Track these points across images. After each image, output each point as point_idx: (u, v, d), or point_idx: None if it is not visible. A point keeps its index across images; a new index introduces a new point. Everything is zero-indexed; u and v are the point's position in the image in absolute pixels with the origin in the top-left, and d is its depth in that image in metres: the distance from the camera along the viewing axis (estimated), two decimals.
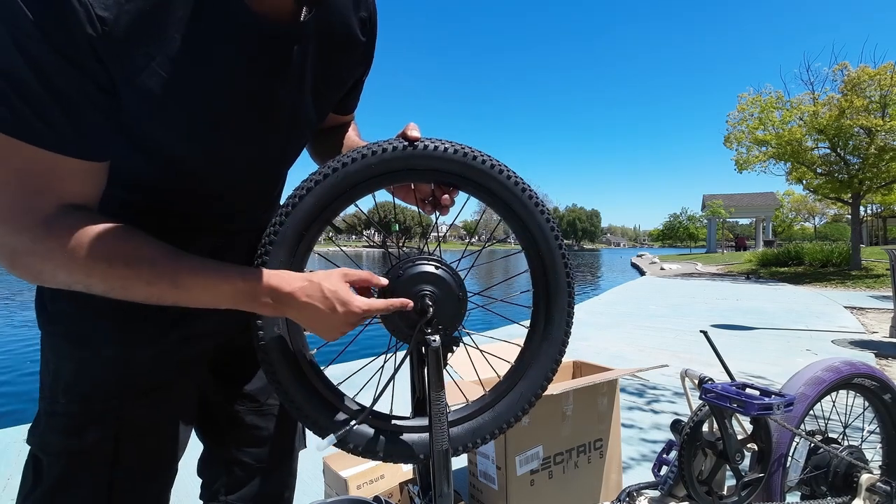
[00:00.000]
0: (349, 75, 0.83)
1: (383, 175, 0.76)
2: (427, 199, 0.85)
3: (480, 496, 1.72)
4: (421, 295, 0.76)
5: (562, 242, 0.87)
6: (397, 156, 0.75)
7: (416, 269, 0.77)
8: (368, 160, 0.74)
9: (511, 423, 0.86)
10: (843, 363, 1.45)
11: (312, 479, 2.13)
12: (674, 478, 1.26)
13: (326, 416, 0.77)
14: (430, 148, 0.76)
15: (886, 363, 4.11)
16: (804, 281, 12.32)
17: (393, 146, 0.75)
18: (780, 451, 1.31)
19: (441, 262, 0.79)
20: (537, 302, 0.88)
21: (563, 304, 0.87)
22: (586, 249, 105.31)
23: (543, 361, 0.87)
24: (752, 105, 14.58)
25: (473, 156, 0.78)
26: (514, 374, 0.88)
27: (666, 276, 15.61)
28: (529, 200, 0.83)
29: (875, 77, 12.32)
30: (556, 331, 0.87)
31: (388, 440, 0.80)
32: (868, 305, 7.84)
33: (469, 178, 0.80)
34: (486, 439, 0.85)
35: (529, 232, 0.85)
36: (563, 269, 0.87)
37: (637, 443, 2.49)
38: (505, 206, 0.83)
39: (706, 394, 1.20)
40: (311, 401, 0.76)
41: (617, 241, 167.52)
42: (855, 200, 13.76)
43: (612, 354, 4.54)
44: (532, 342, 0.88)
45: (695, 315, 7.02)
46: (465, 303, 0.80)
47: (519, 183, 0.82)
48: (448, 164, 0.78)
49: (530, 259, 0.87)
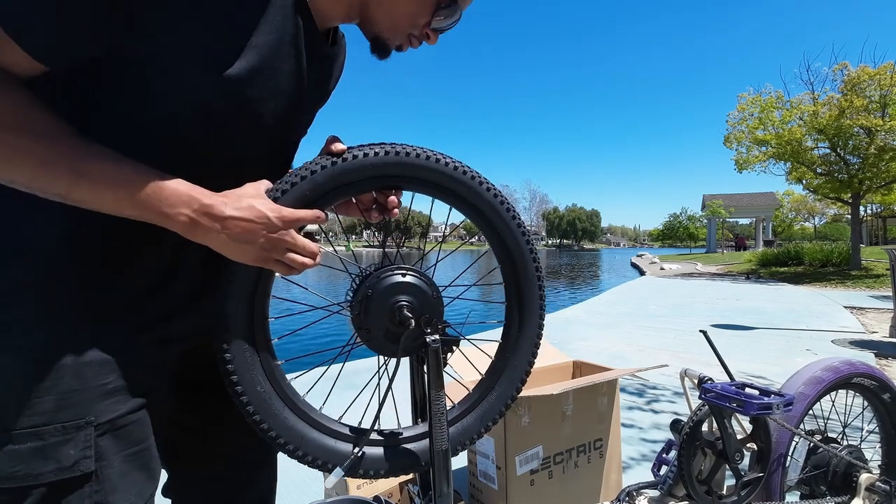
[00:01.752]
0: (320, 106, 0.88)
1: (318, 200, 0.70)
2: (370, 207, 0.81)
3: (480, 496, 1.72)
4: (398, 306, 0.74)
5: (524, 227, 0.86)
6: (329, 174, 0.70)
7: (386, 282, 0.75)
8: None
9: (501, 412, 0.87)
10: (842, 363, 1.45)
11: (312, 479, 2.13)
12: (673, 477, 1.26)
13: (326, 450, 0.74)
14: (360, 157, 0.71)
15: (886, 363, 4.11)
16: (804, 281, 12.33)
17: (321, 165, 0.70)
18: (779, 451, 1.31)
19: (408, 268, 0.78)
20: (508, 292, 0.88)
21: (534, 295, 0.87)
22: (586, 249, 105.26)
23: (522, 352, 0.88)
24: (752, 105, 14.59)
25: (406, 152, 0.74)
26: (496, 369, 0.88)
27: (666, 276, 15.61)
28: (479, 186, 0.80)
29: (875, 77, 12.32)
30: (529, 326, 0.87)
31: (393, 455, 0.78)
32: (868, 305, 7.84)
33: (409, 177, 0.76)
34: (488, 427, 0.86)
35: (482, 214, 0.82)
36: (529, 254, 0.85)
37: (637, 443, 2.49)
38: (454, 196, 0.80)
39: (706, 393, 1.20)
40: (307, 439, 0.74)
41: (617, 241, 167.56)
42: (855, 200, 13.77)
43: (612, 354, 4.54)
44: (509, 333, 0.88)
45: (695, 315, 7.02)
46: (441, 302, 0.79)
47: (465, 171, 0.79)
48: (383, 169, 0.74)
49: (494, 245, 0.85)
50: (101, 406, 0.61)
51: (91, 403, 0.60)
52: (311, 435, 0.74)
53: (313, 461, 0.74)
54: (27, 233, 0.59)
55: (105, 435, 0.61)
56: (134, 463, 0.65)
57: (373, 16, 0.74)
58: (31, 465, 0.56)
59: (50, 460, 0.57)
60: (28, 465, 0.56)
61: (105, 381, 0.62)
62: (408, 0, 0.72)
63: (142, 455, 0.66)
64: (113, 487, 0.62)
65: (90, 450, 0.59)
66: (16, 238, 0.59)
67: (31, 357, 0.58)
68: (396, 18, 0.74)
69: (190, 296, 0.72)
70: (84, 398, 0.60)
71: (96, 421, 0.60)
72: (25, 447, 0.56)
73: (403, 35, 0.76)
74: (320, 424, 0.76)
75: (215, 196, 0.61)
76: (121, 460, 0.63)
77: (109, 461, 0.62)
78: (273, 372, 0.73)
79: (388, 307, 0.74)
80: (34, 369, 0.58)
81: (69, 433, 0.58)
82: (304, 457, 0.73)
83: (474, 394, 0.87)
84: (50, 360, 0.58)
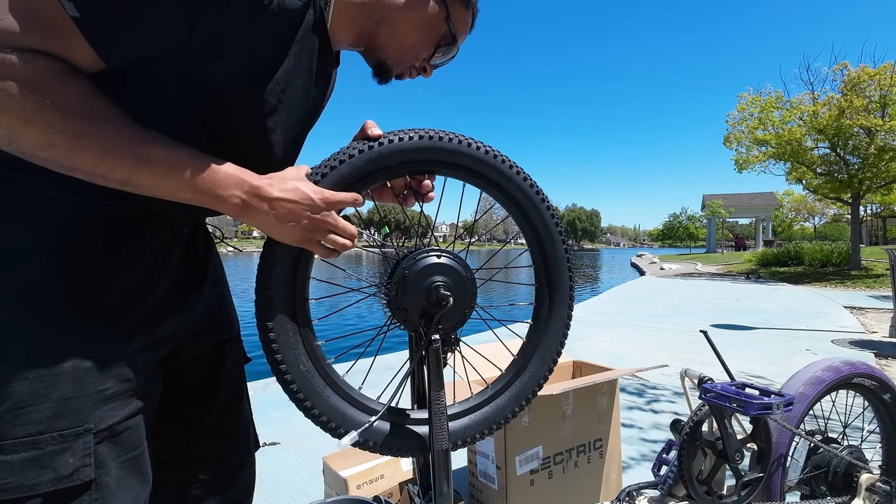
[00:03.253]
0: None
1: (356, 184, 0.73)
2: (403, 192, 0.85)
3: (480, 496, 1.72)
4: (435, 286, 0.75)
5: (553, 210, 0.88)
6: (365, 159, 0.72)
7: (424, 262, 0.76)
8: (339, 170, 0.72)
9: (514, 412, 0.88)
10: (843, 363, 1.45)
11: (312, 479, 2.13)
12: (673, 477, 1.26)
13: (343, 415, 0.76)
14: (396, 141, 0.74)
15: (886, 363, 4.11)
16: (804, 281, 12.32)
17: (358, 149, 0.72)
18: (779, 451, 1.31)
19: (443, 250, 0.79)
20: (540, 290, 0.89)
21: (564, 288, 0.89)
22: (586, 249, 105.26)
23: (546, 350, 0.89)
24: (752, 105, 14.59)
25: (440, 137, 0.77)
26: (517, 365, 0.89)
27: (666, 276, 15.61)
28: (510, 168, 0.83)
29: (875, 77, 12.32)
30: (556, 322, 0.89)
31: (402, 434, 0.80)
32: (867, 305, 7.84)
33: (445, 162, 0.79)
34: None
35: (520, 207, 0.85)
36: (560, 242, 0.88)
37: (637, 443, 2.49)
38: (486, 181, 0.83)
39: (706, 394, 1.20)
40: (328, 403, 0.75)
41: (617, 240, 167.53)
42: (855, 200, 13.77)
43: (612, 354, 4.54)
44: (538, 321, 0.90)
45: (695, 315, 7.02)
46: (474, 282, 0.81)
47: (496, 155, 0.82)
48: (419, 154, 0.76)
49: (523, 228, 0.88)
50: (100, 412, 0.60)
51: (90, 410, 0.59)
52: (352, 413, 0.76)
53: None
54: (13, 236, 0.58)
55: (104, 442, 0.60)
56: (130, 469, 0.64)
57: (381, 46, 0.78)
58: (24, 476, 0.54)
59: (47, 470, 0.55)
60: (22, 475, 0.54)
61: (104, 387, 0.61)
62: (415, 34, 0.78)
63: (137, 460, 0.65)
64: (112, 495, 0.61)
65: (90, 458, 0.58)
66: (1, 242, 0.58)
67: (23, 364, 0.56)
68: (403, 50, 0.79)
69: (173, 297, 0.72)
70: (83, 405, 0.58)
71: (95, 428, 0.59)
72: (18, 457, 0.54)
73: (406, 66, 0.81)
74: (360, 403, 0.78)
75: (262, 178, 0.64)
76: (118, 466, 0.62)
77: (108, 468, 0.60)
78: (314, 352, 0.75)
79: (424, 287, 0.75)
80: (25, 376, 0.56)
81: (67, 441, 0.57)
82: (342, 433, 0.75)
83: (507, 374, 0.89)
84: (43, 366, 0.57)
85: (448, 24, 0.79)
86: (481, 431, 0.85)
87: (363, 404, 0.78)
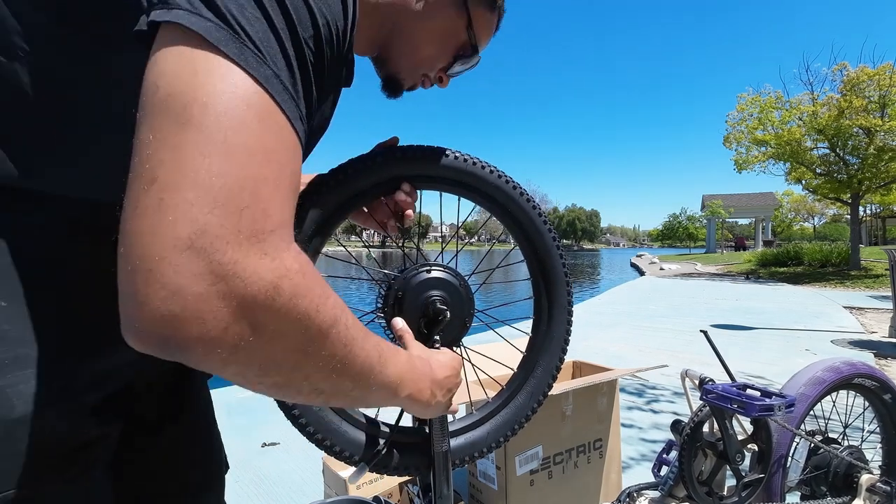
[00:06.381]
0: None
1: None
2: (385, 219, 0.80)
3: (480, 496, 1.72)
4: (431, 300, 0.75)
5: (539, 209, 0.87)
6: None
7: (415, 279, 0.75)
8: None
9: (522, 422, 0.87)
10: (843, 363, 1.45)
11: (312, 479, 2.13)
12: (674, 478, 1.26)
13: (353, 443, 0.75)
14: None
15: (886, 363, 4.11)
16: (803, 281, 12.34)
17: None
18: (780, 452, 1.31)
19: (432, 263, 0.78)
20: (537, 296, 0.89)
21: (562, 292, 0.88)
22: (586, 249, 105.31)
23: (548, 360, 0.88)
24: (752, 105, 14.61)
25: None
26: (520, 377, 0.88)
27: (665, 276, 15.62)
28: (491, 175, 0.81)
29: (874, 77, 12.34)
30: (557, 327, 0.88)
31: (415, 452, 0.78)
32: (867, 305, 7.85)
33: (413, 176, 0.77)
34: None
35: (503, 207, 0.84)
36: (555, 249, 0.87)
37: (637, 443, 2.49)
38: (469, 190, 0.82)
39: (707, 394, 1.20)
40: (338, 433, 0.74)
41: (616, 241, 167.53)
42: (854, 200, 13.79)
43: (612, 354, 4.54)
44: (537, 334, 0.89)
45: (694, 315, 7.03)
46: (469, 289, 0.80)
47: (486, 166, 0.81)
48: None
49: (512, 231, 0.87)
50: (44, 471, 0.48)
51: (20, 473, 0.46)
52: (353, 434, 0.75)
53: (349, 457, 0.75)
54: None
55: None
56: None
57: (395, 56, 0.72)
58: None
59: None
60: None
61: (48, 437, 0.48)
62: (432, 44, 0.72)
63: None
64: None
65: None
66: None
67: None
68: (418, 61, 0.73)
69: None
70: (10, 467, 0.46)
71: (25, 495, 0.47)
72: None
73: (418, 76, 0.75)
74: (358, 422, 0.77)
75: (422, 356, 0.61)
76: None
77: None
78: None
79: (420, 304, 0.75)
80: None
81: None
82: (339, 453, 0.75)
83: (520, 373, 0.88)
84: None
85: (469, 32, 0.72)
86: (497, 440, 0.84)
87: (365, 424, 0.77)
